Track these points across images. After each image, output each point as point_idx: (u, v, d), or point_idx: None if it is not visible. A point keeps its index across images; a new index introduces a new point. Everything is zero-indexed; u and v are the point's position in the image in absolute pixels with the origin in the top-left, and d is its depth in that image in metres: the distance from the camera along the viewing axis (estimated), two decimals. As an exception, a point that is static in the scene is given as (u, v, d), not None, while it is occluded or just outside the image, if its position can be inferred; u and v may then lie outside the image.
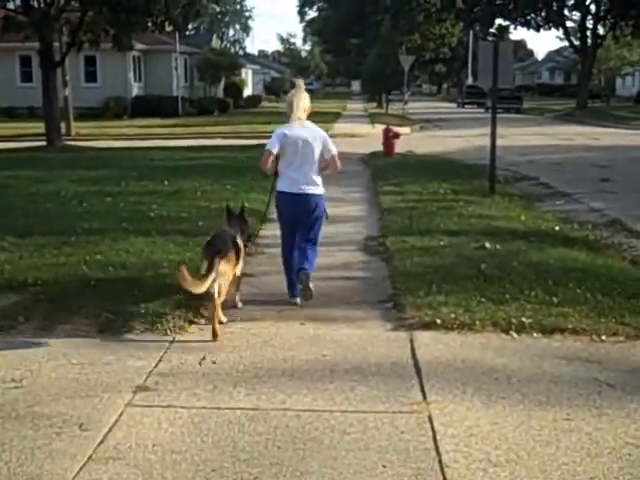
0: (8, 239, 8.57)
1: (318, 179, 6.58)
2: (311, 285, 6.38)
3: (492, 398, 4.59)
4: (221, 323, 5.85)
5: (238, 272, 6.27)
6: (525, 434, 4.13)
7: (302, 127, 6.49)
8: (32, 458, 3.87)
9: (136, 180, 13.78)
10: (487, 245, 8.27)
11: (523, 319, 5.85)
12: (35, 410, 4.41)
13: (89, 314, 6.03)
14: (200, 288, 5.49)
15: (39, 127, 25.63)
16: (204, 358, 5.24)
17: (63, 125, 27.44)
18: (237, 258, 6.08)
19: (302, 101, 6.54)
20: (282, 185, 6.59)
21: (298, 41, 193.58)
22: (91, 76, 39.15)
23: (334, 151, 6.56)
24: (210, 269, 5.55)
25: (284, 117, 6.78)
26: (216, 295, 5.63)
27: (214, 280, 5.55)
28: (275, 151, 6.49)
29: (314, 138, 6.48)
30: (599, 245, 8.95)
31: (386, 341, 5.64)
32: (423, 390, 4.72)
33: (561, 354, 5.33)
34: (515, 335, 5.67)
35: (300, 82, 6.93)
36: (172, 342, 5.56)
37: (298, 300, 6.61)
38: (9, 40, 26.39)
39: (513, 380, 4.86)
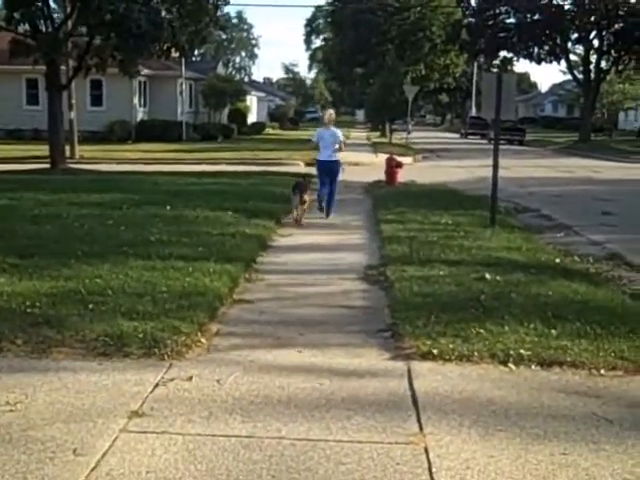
0: (8, 260, 8.56)
1: (337, 154, 13.58)
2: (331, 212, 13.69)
3: (489, 431, 4.56)
4: (300, 224, 12.78)
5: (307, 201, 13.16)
6: (522, 468, 4.10)
7: (329, 129, 13.65)
8: (24, 482, 3.84)
9: (138, 204, 13.80)
10: (487, 276, 8.26)
11: (522, 351, 5.82)
12: (29, 434, 4.38)
13: (86, 338, 6.00)
14: (303, 206, 13.01)
15: (44, 149, 25.78)
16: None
17: (68, 148, 27.59)
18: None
19: (330, 115, 14.07)
20: (319, 156, 13.69)
21: (301, 69, 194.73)
22: (97, 100, 39.35)
23: (341, 138, 13.67)
24: (302, 197, 12.87)
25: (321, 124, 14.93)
26: (304, 207, 13.04)
27: (305, 201, 13.00)
28: (315, 140, 13.73)
29: (334, 133, 13.58)
30: (599, 278, 8.92)
31: (383, 371, 5.61)
32: (420, 421, 4.68)
33: (559, 387, 5.30)
34: (513, 367, 5.65)
35: (331, 110, 15.23)
36: (169, 367, 5.53)
37: (324, 215, 13.55)
38: (16, 63, 26.60)
39: (510, 413, 4.83)
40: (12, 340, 5.93)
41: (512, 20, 54.32)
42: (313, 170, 15.79)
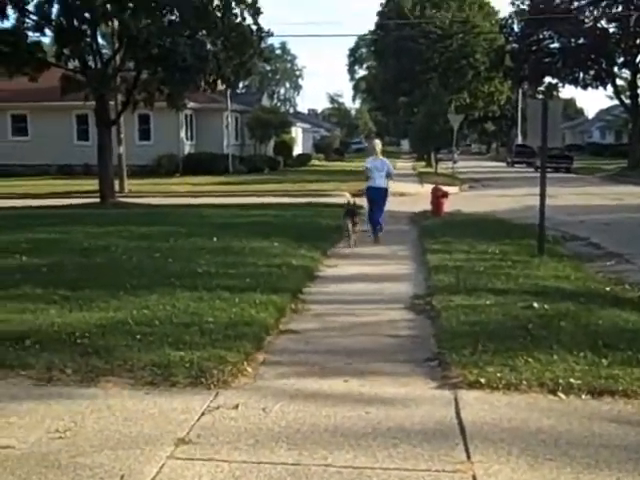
0: (59, 292, 8.73)
1: (386, 181, 14.88)
2: (380, 235, 14.62)
3: (539, 460, 4.48)
4: (352, 248, 13.70)
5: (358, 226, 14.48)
6: (573, 498, 4.02)
7: (379, 158, 14.96)
8: (73, 509, 3.89)
9: (185, 236, 13.97)
10: (535, 305, 8.15)
11: (571, 380, 5.71)
12: (78, 461, 4.44)
13: (134, 367, 6.07)
14: (355, 229, 14.22)
15: (93, 184, 26.29)
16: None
17: (117, 182, 28.10)
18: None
19: (378, 146, 15.25)
20: (371, 183, 14.81)
21: (346, 100, 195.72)
22: (145, 134, 40.12)
23: (392, 170, 15.18)
24: (355, 223, 14.11)
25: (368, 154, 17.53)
26: (356, 233, 14.26)
27: (357, 229, 14.34)
28: (370, 167, 14.83)
29: (384, 163, 14.96)
30: (651, 306, 8.73)
31: (430, 399, 5.56)
32: (467, 450, 4.63)
33: (611, 417, 5.19)
34: (563, 396, 5.55)
35: (377, 140, 16.57)
36: (215, 396, 5.56)
37: (373, 240, 14.51)
38: (66, 99, 27.27)
39: (561, 442, 4.74)
40: (62, 369, 6.04)
41: (556, 45, 54.02)
42: (359, 200, 15.91)
